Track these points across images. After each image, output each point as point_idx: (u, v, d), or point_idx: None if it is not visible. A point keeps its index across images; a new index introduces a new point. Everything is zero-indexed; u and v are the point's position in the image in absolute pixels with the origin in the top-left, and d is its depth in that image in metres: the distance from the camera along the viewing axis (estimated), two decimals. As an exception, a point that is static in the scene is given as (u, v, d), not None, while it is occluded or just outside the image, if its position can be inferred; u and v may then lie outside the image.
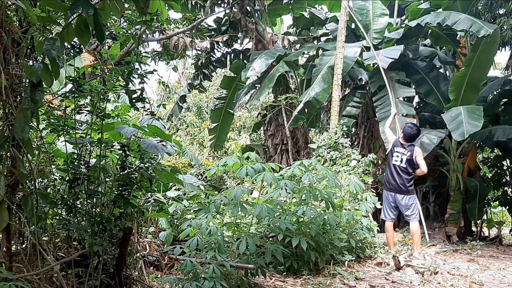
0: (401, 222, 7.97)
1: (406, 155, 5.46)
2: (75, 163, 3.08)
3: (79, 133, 3.15)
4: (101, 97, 3.16)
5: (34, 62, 2.69)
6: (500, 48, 7.59)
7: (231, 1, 9.26)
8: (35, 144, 2.92)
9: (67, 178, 3.06)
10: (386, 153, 5.85)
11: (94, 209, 3.10)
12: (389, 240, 5.66)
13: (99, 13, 2.28)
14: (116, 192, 3.16)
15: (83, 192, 3.03)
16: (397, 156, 5.50)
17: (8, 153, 2.41)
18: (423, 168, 5.45)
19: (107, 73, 3.25)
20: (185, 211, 4.88)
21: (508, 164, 8.97)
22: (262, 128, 10.83)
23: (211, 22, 10.17)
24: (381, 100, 7.72)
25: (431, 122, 8.55)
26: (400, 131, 7.06)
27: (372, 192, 6.22)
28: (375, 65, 7.86)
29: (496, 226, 8.64)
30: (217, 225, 3.80)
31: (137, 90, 3.42)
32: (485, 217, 8.63)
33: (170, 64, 12.00)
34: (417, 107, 9.60)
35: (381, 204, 5.88)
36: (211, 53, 10.30)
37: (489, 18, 7.43)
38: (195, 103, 15.62)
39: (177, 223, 4.68)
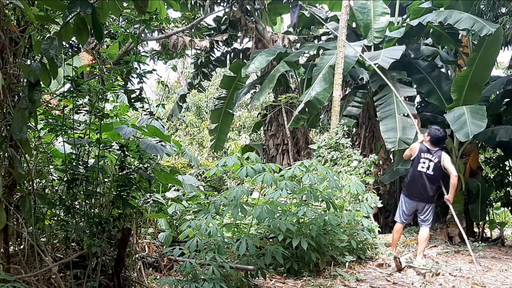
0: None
1: (434, 161, 5.18)
2: (74, 164, 3.06)
3: (77, 133, 3.13)
4: (100, 97, 3.14)
5: (32, 61, 2.66)
6: (503, 47, 7.55)
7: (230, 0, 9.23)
8: (33, 144, 2.89)
9: (66, 179, 3.03)
10: (412, 158, 5.44)
11: (92, 210, 3.08)
12: (394, 241, 5.62)
13: (97, 12, 2.26)
14: (115, 193, 3.14)
15: (82, 192, 3.01)
16: (424, 163, 5.22)
17: (6, 154, 2.39)
18: (453, 172, 5.10)
19: (105, 73, 3.23)
20: (185, 212, 4.85)
21: (511, 165, 8.92)
22: (262, 128, 10.79)
23: (210, 21, 10.14)
24: (382, 100, 7.69)
25: (432, 122, 8.50)
26: (402, 130, 7.04)
27: (374, 192, 6.18)
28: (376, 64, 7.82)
29: (499, 227, 8.59)
30: (216, 226, 3.78)
31: (136, 90, 3.40)
32: (487, 218, 8.58)
33: (169, 63, 11.97)
34: (419, 106, 9.56)
35: (382, 203, 5.84)
36: (211, 53, 10.26)
37: (492, 17, 7.38)
38: (195, 102, 15.58)
39: (177, 224, 4.65)
